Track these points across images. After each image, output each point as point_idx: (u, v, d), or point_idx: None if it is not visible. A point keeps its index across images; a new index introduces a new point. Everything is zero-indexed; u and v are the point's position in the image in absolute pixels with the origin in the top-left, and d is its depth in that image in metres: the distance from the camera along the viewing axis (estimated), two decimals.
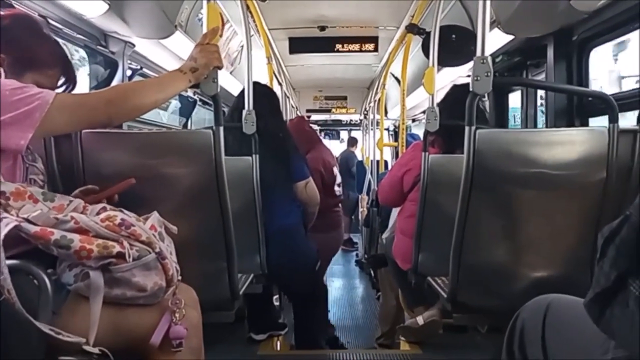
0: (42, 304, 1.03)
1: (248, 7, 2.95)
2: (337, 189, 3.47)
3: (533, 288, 1.51)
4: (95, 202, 1.27)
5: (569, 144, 1.54)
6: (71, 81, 1.41)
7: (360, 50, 4.42)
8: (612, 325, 0.76)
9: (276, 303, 3.12)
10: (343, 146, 8.89)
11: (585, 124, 2.38)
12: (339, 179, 3.51)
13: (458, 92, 2.22)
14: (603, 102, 1.58)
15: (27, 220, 1.04)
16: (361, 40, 4.33)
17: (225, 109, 2.82)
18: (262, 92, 2.36)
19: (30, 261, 1.05)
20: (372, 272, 4.69)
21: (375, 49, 4.39)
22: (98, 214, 1.16)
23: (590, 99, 2.37)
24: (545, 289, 1.16)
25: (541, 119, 3.00)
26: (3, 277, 0.94)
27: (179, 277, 1.23)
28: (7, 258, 0.96)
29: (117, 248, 1.08)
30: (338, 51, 4.41)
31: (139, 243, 1.12)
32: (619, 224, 0.77)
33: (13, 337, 0.99)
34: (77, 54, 2.61)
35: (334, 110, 7.68)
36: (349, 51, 4.42)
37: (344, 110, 7.70)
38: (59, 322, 1.05)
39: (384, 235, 2.89)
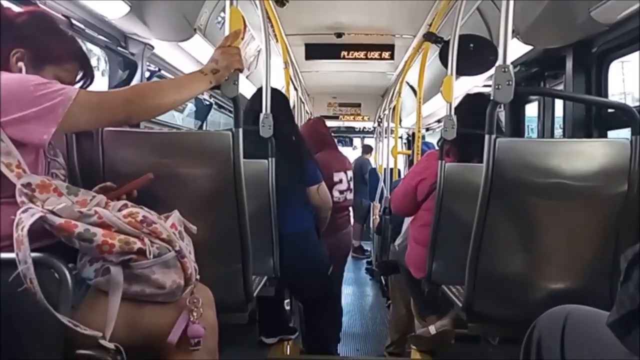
0: (62, 298, 1.04)
1: (267, 13, 2.98)
2: (338, 195, 3.39)
3: (550, 299, 1.50)
4: (115, 197, 1.28)
5: (590, 155, 1.53)
6: (89, 76, 1.43)
7: (376, 58, 4.43)
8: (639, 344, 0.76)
9: (287, 307, 3.12)
10: (356, 153, 8.87)
11: (604, 136, 2.37)
12: (342, 186, 3.46)
13: (471, 101, 2.22)
14: (625, 113, 1.57)
15: (52, 212, 1.05)
16: (377, 47, 4.35)
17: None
18: (276, 97, 2.38)
19: (52, 255, 1.07)
20: (382, 279, 4.67)
21: (391, 57, 4.40)
22: (120, 210, 1.17)
23: (610, 110, 2.35)
24: (562, 300, 1.15)
25: (558, 132, 2.99)
26: (27, 267, 0.96)
27: (198, 277, 1.24)
28: (30, 251, 0.98)
29: (138, 244, 1.09)
30: (354, 58, 4.43)
31: (159, 241, 1.13)
32: None
33: (32, 327, 1.01)
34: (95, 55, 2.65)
35: (347, 117, 7.69)
36: (365, 58, 4.43)
37: (357, 118, 7.71)
38: (78, 316, 1.06)
39: (397, 242, 2.88)
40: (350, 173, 3.50)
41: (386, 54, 4.38)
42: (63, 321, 1.00)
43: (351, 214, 3.92)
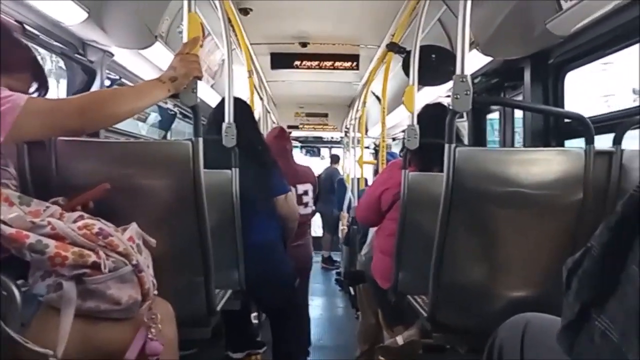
0: (10, 315, 0.99)
1: (230, 21, 2.96)
2: (302, 208, 3.32)
3: (511, 307, 1.51)
4: (69, 208, 1.23)
5: (547, 164, 1.56)
6: (43, 86, 1.38)
7: (342, 68, 4.46)
8: (582, 357, 0.76)
9: (254, 321, 3.07)
10: (324, 163, 8.87)
11: (561, 145, 2.43)
12: (307, 198, 3.43)
13: (430, 111, 2.25)
14: (580, 123, 1.61)
15: (3, 222, 1.00)
16: (342, 57, 4.39)
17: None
18: (240, 106, 2.36)
19: (0, 271, 1.01)
20: (351, 290, 4.67)
21: (356, 67, 4.45)
22: (75, 221, 1.13)
23: (566, 120, 2.42)
24: (523, 309, 1.16)
25: (519, 142, 3.06)
26: None
27: (155, 292, 1.20)
28: None
29: (92, 257, 1.05)
30: (319, 68, 4.45)
31: (115, 254, 1.09)
32: (581, 256, 0.77)
33: None
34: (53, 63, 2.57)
35: (314, 127, 7.71)
36: (330, 68, 4.46)
37: (325, 127, 7.74)
38: (28, 334, 1.01)
39: (362, 252, 2.89)
40: (310, 186, 3.48)
41: (351, 64, 4.42)
42: (12, 336, 0.95)
43: (311, 224, 3.88)
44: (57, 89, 2.73)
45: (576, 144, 2.36)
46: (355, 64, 4.42)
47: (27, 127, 1.13)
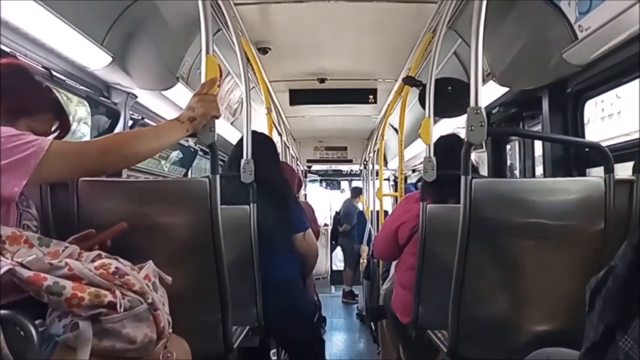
0: (28, 355, 1.00)
1: (248, 60, 3.04)
2: None
3: (532, 341, 1.47)
4: (87, 247, 1.25)
5: (566, 194, 1.53)
6: (65, 126, 1.43)
7: (359, 102, 4.50)
8: None
9: (273, 358, 3.03)
10: (343, 196, 8.85)
11: (583, 174, 2.39)
12: None
13: (444, 142, 2.24)
14: (598, 152, 1.59)
15: (22, 265, 1.02)
16: (360, 92, 4.42)
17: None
18: (262, 141, 2.38)
19: (19, 312, 1.03)
20: (372, 325, 4.58)
21: (374, 101, 4.47)
22: (93, 261, 1.14)
23: (587, 149, 2.39)
24: (544, 343, 1.13)
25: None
26: None
27: (170, 330, 1.20)
28: None
29: (109, 297, 1.05)
30: (338, 103, 4.50)
31: (131, 293, 1.10)
32: (604, 275, 0.75)
33: None
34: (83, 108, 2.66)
35: (334, 160, 7.76)
36: (348, 103, 4.50)
37: (344, 160, 7.77)
38: None
39: (384, 287, 2.84)
40: None
41: (369, 98, 4.45)
42: None
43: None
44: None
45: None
46: (372, 97, 4.45)
47: (51, 169, 1.17)
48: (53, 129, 1.40)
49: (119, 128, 2.67)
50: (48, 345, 1.09)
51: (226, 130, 4.13)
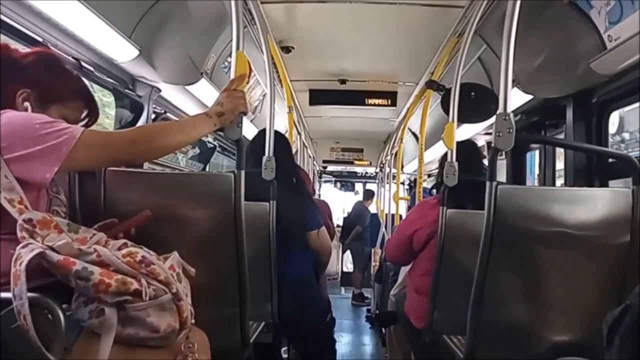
0: (55, 339, 1.01)
1: (272, 58, 3.05)
2: None
3: (552, 351, 1.46)
4: (113, 235, 1.27)
5: (592, 204, 1.52)
6: (94, 114, 1.45)
7: (379, 105, 4.49)
8: None
9: (284, 355, 3.04)
10: (357, 198, 8.82)
11: (606, 185, 2.36)
12: None
13: (461, 148, 2.23)
14: (626, 163, 1.57)
15: (52, 249, 1.04)
16: (380, 94, 4.42)
17: None
18: (279, 139, 2.40)
19: (47, 295, 1.05)
20: (382, 329, 4.57)
21: (394, 104, 4.46)
22: (120, 249, 1.16)
23: (611, 160, 2.36)
24: (564, 352, 1.13)
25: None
26: (21, 303, 0.94)
27: (193, 320, 1.21)
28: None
29: (135, 285, 1.07)
30: (357, 104, 4.49)
31: (156, 282, 1.11)
32: (622, 312, 0.75)
33: None
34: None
35: (349, 162, 7.75)
36: (368, 105, 4.50)
37: (360, 162, 7.76)
38: (70, 358, 1.03)
39: (393, 292, 2.83)
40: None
41: (389, 101, 4.44)
42: None
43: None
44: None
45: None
46: (392, 100, 4.44)
47: (81, 158, 1.19)
48: (83, 116, 1.42)
49: (142, 121, 2.70)
50: (74, 330, 1.11)
51: (246, 128, 4.14)
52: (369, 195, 7.98)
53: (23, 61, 1.31)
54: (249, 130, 4.18)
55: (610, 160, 2.37)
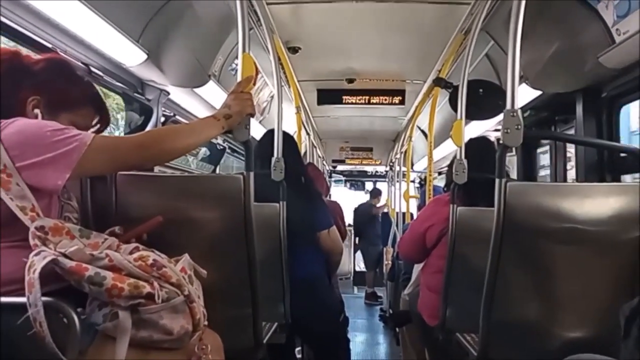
0: (70, 343, 1.02)
1: (279, 59, 3.06)
2: None
3: (565, 347, 1.45)
4: (124, 240, 1.28)
5: (603, 199, 1.50)
6: (105, 120, 1.46)
7: (387, 103, 4.49)
8: None
9: (298, 356, 3.04)
10: (367, 197, 8.81)
11: (617, 180, 2.34)
12: None
13: (474, 145, 2.22)
14: (638, 157, 1.56)
15: (64, 255, 1.06)
16: (388, 93, 4.40)
17: None
18: (286, 140, 2.40)
19: (61, 299, 1.06)
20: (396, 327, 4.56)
21: (402, 102, 4.45)
22: (131, 253, 1.17)
23: (622, 155, 2.34)
24: (577, 349, 1.11)
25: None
26: (37, 310, 0.95)
27: (205, 322, 1.22)
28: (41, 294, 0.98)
29: (147, 288, 1.08)
30: (365, 103, 4.49)
31: (168, 285, 1.12)
32: (639, 303, 0.74)
33: None
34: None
35: (359, 161, 7.74)
36: (376, 104, 4.49)
37: (369, 161, 7.74)
38: None
39: (406, 292, 2.83)
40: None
41: (397, 99, 4.43)
42: None
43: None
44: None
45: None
46: (401, 99, 4.43)
47: (92, 164, 1.20)
48: (94, 122, 1.43)
49: (151, 124, 2.72)
50: (88, 334, 1.12)
51: (254, 129, 4.15)
52: (375, 193, 7.96)
53: (34, 68, 1.32)
54: (257, 132, 4.20)
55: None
